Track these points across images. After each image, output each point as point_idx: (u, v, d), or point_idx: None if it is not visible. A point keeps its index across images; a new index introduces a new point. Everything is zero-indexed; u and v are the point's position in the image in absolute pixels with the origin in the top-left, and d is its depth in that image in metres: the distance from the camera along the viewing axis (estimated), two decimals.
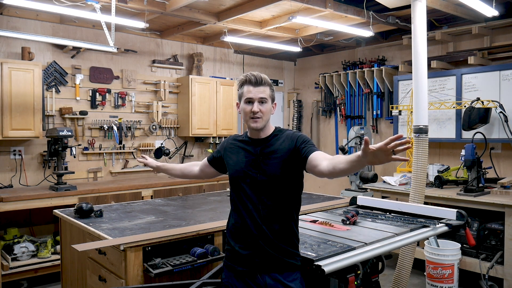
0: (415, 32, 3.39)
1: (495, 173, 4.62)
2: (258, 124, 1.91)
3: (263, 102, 1.92)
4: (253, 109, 1.89)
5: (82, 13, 3.96)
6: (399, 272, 3.43)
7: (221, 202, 3.67)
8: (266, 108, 1.93)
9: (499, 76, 4.63)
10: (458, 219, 2.55)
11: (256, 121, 1.91)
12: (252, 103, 1.91)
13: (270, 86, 1.96)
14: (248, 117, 1.92)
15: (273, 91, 1.99)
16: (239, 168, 1.96)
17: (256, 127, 1.92)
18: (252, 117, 1.91)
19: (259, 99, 1.91)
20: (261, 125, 1.92)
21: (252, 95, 1.90)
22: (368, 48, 6.33)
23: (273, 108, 1.99)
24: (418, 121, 3.40)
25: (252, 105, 1.90)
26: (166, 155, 5.70)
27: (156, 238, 2.39)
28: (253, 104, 1.90)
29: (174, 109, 5.95)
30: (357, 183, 5.47)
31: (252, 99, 1.91)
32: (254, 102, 1.90)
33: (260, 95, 1.91)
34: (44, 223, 4.75)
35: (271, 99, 1.96)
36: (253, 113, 1.90)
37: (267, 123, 1.96)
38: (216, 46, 6.43)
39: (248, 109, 1.91)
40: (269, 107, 1.95)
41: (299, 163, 1.87)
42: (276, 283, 1.88)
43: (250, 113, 1.91)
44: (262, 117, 1.91)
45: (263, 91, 1.92)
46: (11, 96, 4.29)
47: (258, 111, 1.90)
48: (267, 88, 1.94)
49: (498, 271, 3.84)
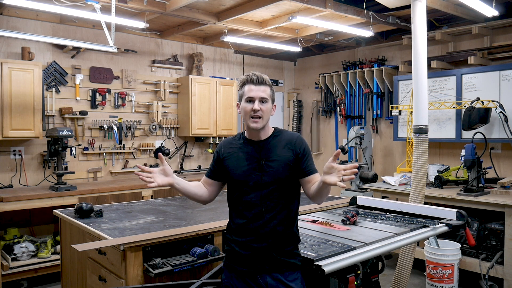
0: (415, 32, 3.39)
1: (495, 173, 4.62)
2: (258, 124, 1.91)
3: (263, 102, 1.92)
4: (254, 107, 1.89)
5: (82, 13, 3.96)
6: (399, 272, 3.43)
7: (221, 202, 3.66)
8: (267, 107, 1.93)
9: (499, 76, 4.63)
10: (458, 219, 2.55)
11: (256, 121, 1.90)
12: (253, 102, 1.91)
13: (270, 86, 1.97)
14: (249, 116, 1.91)
15: (273, 92, 1.99)
16: (241, 171, 1.94)
17: (256, 127, 1.91)
18: (252, 116, 1.90)
19: (260, 98, 1.91)
20: (260, 125, 1.91)
21: (253, 94, 1.91)
22: (368, 48, 6.33)
23: (273, 109, 1.99)
24: (418, 121, 3.40)
25: (253, 104, 1.90)
26: (166, 155, 5.70)
27: (156, 238, 2.39)
28: (254, 103, 1.90)
29: (174, 109, 5.95)
30: (357, 183, 5.46)
31: (253, 98, 1.91)
32: (255, 101, 1.90)
33: (261, 94, 1.91)
34: (44, 223, 4.75)
35: (271, 100, 1.96)
36: (253, 111, 1.89)
37: (267, 124, 1.96)
38: (216, 46, 6.43)
39: (249, 107, 1.91)
40: (269, 107, 1.95)
41: (299, 171, 1.94)
42: (277, 283, 1.88)
43: (250, 112, 1.90)
44: (263, 117, 1.91)
45: (264, 90, 1.92)
46: (11, 96, 4.29)
47: (259, 109, 1.89)
48: (268, 88, 1.94)
49: (498, 271, 3.84)
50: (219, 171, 2.05)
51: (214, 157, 2.08)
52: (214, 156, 2.09)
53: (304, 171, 1.93)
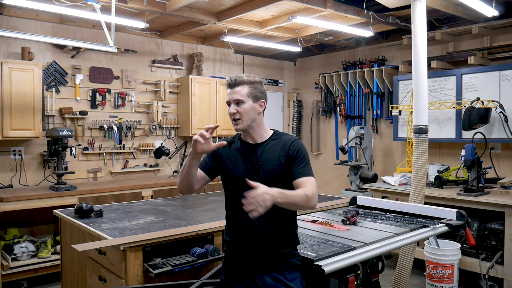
0: (415, 32, 3.39)
1: (495, 173, 4.62)
2: (239, 126, 1.91)
3: (239, 103, 1.90)
4: (230, 110, 1.91)
5: (82, 13, 3.96)
6: (399, 272, 3.43)
7: (221, 202, 3.66)
8: (244, 108, 1.89)
9: (499, 76, 4.63)
10: (458, 219, 2.55)
11: (236, 123, 1.91)
12: (230, 106, 1.92)
13: (250, 83, 1.91)
14: (232, 120, 1.93)
15: (256, 88, 1.92)
16: (238, 174, 1.93)
17: (237, 129, 1.93)
18: (233, 119, 1.92)
19: (234, 101, 1.90)
20: (241, 127, 1.91)
21: (228, 97, 1.92)
22: (368, 48, 6.33)
23: (260, 106, 1.94)
24: (418, 121, 3.40)
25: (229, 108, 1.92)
26: (166, 155, 5.70)
27: (156, 238, 2.39)
28: (230, 106, 1.91)
29: (174, 109, 5.95)
30: (357, 183, 5.46)
31: (229, 101, 1.92)
32: (231, 105, 1.91)
33: (235, 97, 1.90)
34: (44, 223, 4.75)
35: (252, 98, 1.90)
36: (231, 115, 1.91)
37: (256, 124, 1.93)
38: (216, 46, 6.43)
39: (229, 111, 1.92)
40: (247, 107, 1.89)
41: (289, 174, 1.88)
42: (276, 282, 1.89)
43: (231, 115, 1.92)
44: (242, 118, 1.90)
45: (238, 91, 1.89)
46: (11, 96, 4.29)
47: (235, 112, 1.89)
48: (245, 87, 1.89)
49: (498, 271, 3.84)
50: (214, 167, 2.01)
51: (210, 153, 2.01)
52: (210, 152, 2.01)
53: (292, 174, 1.87)
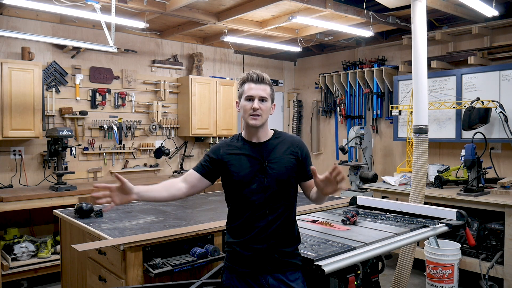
0: (415, 32, 3.39)
1: (495, 173, 4.62)
2: (257, 121, 1.91)
3: (263, 100, 1.92)
4: (254, 105, 1.89)
5: (82, 13, 3.96)
6: (399, 272, 3.43)
7: (221, 202, 3.66)
8: (266, 106, 1.93)
9: (499, 76, 4.63)
10: (458, 219, 2.55)
11: (255, 118, 1.90)
12: (253, 101, 1.91)
13: (270, 86, 1.97)
14: (248, 114, 1.91)
15: (273, 91, 1.99)
16: (244, 173, 1.92)
17: (255, 124, 1.91)
18: (251, 114, 1.90)
19: (259, 97, 1.91)
20: (259, 123, 1.91)
21: (253, 92, 1.91)
22: (368, 48, 6.33)
23: (272, 108, 2.00)
24: (418, 121, 3.40)
25: (252, 102, 1.91)
26: (166, 155, 5.70)
27: (156, 238, 2.39)
28: (254, 101, 1.90)
29: (174, 109, 5.95)
30: (357, 183, 5.46)
31: (253, 96, 1.91)
32: (254, 99, 1.91)
33: (261, 93, 1.91)
34: (44, 223, 4.75)
35: (271, 99, 1.97)
36: (253, 110, 1.90)
37: (265, 123, 1.96)
38: (216, 46, 6.43)
39: (249, 106, 1.91)
40: (269, 106, 1.95)
41: (301, 174, 1.99)
42: (279, 283, 1.89)
43: (250, 110, 1.90)
44: (262, 115, 1.91)
45: (264, 89, 1.92)
46: (11, 96, 4.29)
47: (259, 107, 1.90)
48: (268, 87, 1.95)
49: (498, 271, 3.84)
50: (214, 171, 1.99)
51: (209, 156, 1.99)
52: (209, 154, 2.00)
53: (308, 175, 1.98)
